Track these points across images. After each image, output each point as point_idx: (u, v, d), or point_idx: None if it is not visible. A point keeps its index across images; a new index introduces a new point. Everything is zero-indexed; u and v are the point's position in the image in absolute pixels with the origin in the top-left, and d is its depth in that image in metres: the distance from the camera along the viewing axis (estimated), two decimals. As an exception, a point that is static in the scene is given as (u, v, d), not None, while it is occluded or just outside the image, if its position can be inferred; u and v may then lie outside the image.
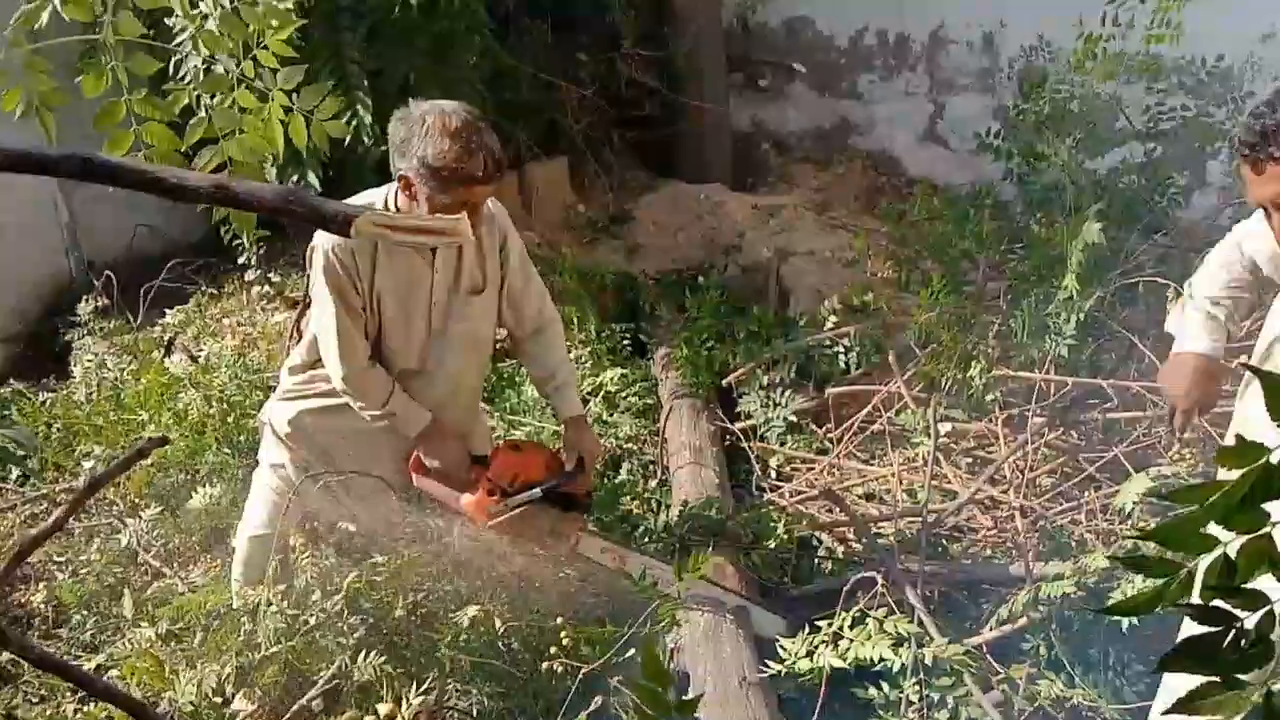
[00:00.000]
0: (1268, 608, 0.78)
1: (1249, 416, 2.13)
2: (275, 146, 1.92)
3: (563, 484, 2.85)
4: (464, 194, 2.51)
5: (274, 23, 1.85)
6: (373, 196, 2.70)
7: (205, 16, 1.84)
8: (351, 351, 2.70)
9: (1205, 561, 0.79)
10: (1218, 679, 0.78)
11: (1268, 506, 0.74)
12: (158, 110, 1.79)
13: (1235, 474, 0.72)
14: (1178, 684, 1.60)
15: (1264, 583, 0.80)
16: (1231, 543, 0.77)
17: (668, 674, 0.83)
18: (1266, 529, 0.75)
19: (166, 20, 1.91)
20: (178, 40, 1.90)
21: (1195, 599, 0.79)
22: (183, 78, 1.98)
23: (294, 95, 1.95)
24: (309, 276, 2.75)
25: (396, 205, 2.64)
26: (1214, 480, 0.75)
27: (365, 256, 2.65)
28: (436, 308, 2.78)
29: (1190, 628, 0.82)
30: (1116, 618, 2.55)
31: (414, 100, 2.59)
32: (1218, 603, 0.79)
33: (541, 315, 3.00)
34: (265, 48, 1.88)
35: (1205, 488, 0.74)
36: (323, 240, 2.65)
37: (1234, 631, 0.78)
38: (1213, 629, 0.79)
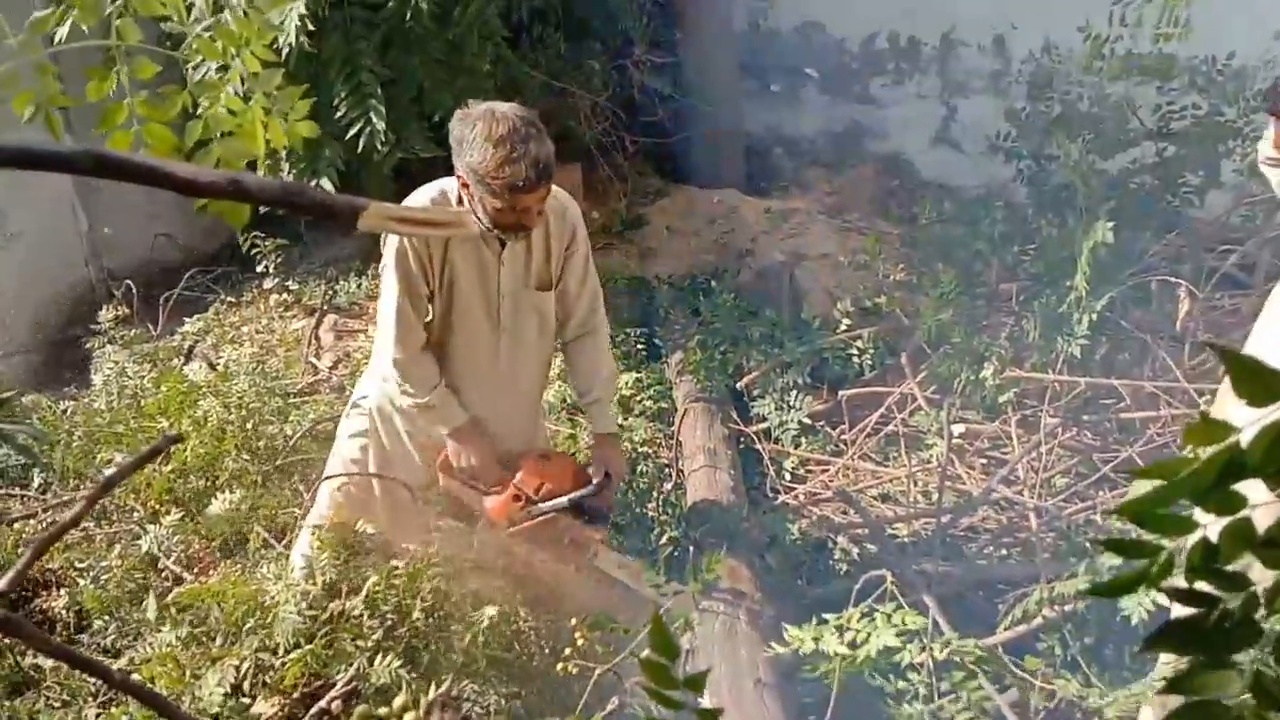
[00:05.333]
0: (1250, 589, 0.77)
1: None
2: (257, 148, 1.95)
3: (588, 498, 2.86)
4: (510, 199, 2.52)
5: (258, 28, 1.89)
6: (445, 185, 2.71)
7: (201, 24, 1.88)
8: (407, 337, 2.72)
9: (1187, 544, 0.77)
10: (1205, 659, 0.78)
11: (1245, 488, 0.71)
12: (157, 112, 1.82)
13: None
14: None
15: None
16: (1212, 525, 0.75)
17: (676, 646, 0.84)
18: (1245, 512, 0.73)
19: (163, 25, 1.95)
20: (182, 47, 1.94)
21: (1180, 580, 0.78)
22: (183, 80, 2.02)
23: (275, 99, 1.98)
24: (383, 260, 2.75)
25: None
26: (1180, 457, 0.72)
27: (438, 244, 2.66)
28: (504, 300, 2.79)
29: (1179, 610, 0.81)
30: (1129, 614, 2.54)
31: (473, 101, 2.60)
32: (1201, 585, 0.77)
33: (592, 317, 2.98)
34: (252, 53, 1.91)
35: (1172, 463, 0.71)
36: None
37: (1218, 613, 0.77)
38: (1196, 611, 0.78)
